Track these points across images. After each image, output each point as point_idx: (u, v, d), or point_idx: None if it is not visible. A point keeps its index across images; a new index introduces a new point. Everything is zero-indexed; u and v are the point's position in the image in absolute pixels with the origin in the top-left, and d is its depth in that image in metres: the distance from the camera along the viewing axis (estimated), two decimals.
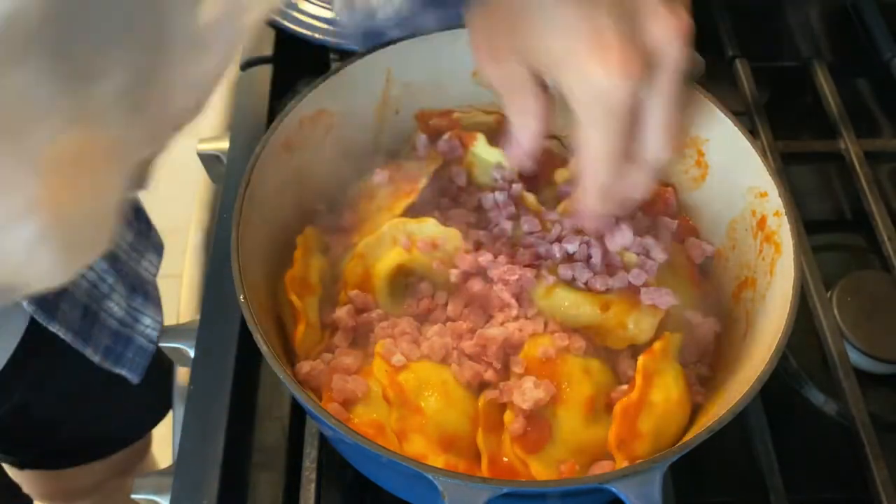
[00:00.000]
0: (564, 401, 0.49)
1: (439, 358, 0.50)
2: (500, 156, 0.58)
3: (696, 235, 0.58)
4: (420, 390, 0.48)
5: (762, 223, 0.53)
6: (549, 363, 0.49)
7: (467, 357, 0.50)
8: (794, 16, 0.82)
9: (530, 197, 0.57)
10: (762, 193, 0.53)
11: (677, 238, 0.57)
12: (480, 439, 0.48)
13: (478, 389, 0.50)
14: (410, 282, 0.55)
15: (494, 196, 0.57)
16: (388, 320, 0.52)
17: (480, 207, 0.58)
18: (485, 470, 0.47)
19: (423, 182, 0.57)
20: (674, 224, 0.57)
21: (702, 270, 0.57)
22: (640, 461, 0.43)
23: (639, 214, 0.56)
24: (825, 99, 0.76)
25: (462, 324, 0.52)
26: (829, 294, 0.63)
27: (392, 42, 0.58)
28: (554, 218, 0.55)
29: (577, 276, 0.52)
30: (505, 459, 0.47)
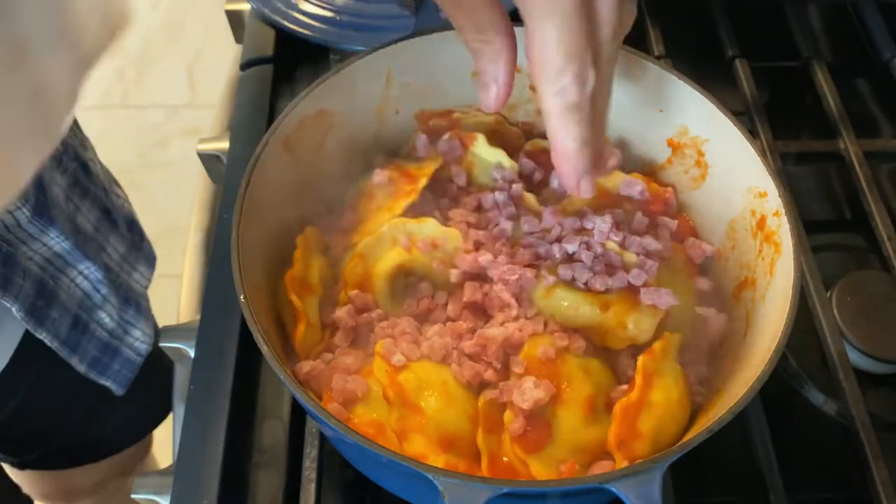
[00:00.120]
0: (564, 401, 0.49)
1: (439, 358, 0.50)
2: (501, 156, 0.58)
3: (696, 235, 0.58)
4: (420, 390, 0.48)
5: (762, 223, 0.53)
6: (549, 363, 0.49)
7: (467, 357, 0.50)
8: (794, 16, 0.82)
9: (530, 197, 0.57)
10: (762, 193, 0.53)
11: (677, 238, 0.57)
12: (480, 439, 0.48)
13: (478, 389, 0.50)
14: (410, 282, 0.55)
15: (494, 196, 0.57)
16: (388, 320, 0.52)
17: (480, 207, 0.58)
18: (485, 470, 0.47)
19: (423, 182, 0.57)
20: (674, 224, 0.57)
21: (702, 270, 0.57)
22: (640, 461, 0.43)
23: (639, 214, 0.56)
24: (825, 99, 0.76)
25: (462, 324, 0.52)
26: (829, 294, 0.63)
27: (392, 42, 0.58)
28: (553, 221, 0.55)
29: (577, 277, 0.52)
30: (505, 459, 0.48)
